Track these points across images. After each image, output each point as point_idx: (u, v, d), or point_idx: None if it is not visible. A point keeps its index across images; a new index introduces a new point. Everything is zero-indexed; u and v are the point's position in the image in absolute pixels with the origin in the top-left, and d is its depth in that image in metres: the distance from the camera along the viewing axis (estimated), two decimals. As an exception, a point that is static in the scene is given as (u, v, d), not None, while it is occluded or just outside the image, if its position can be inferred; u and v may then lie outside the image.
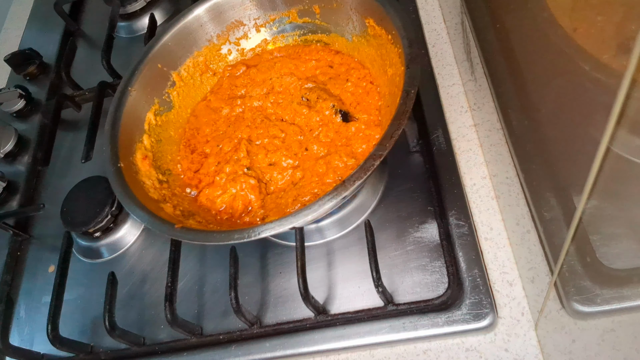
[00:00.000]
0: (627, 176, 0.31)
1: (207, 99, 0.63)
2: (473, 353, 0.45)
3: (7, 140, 0.73)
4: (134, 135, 0.55)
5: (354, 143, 0.53)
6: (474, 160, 0.55)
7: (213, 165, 0.56)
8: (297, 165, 0.53)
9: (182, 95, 0.61)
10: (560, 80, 0.37)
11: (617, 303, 0.33)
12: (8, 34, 0.95)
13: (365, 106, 0.55)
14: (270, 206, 0.51)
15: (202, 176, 0.56)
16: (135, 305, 0.56)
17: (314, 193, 0.50)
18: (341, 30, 0.59)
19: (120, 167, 0.50)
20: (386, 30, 0.52)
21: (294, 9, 0.61)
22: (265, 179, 0.53)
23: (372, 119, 0.54)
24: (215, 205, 0.53)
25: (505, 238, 0.50)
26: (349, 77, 0.58)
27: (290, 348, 0.48)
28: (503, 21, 0.47)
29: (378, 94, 0.55)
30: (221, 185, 0.53)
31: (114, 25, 0.76)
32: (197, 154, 0.58)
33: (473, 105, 0.58)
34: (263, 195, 0.52)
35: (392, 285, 0.49)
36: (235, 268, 0.49)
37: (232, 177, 0.53)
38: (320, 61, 0.61)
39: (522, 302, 0.46)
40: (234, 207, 0.52)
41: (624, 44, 0.31)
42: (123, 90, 0.56)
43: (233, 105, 0.60)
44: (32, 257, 0.65)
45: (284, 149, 0.54)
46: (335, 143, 0.54)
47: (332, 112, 0.55)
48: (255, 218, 0.51)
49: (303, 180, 0.52)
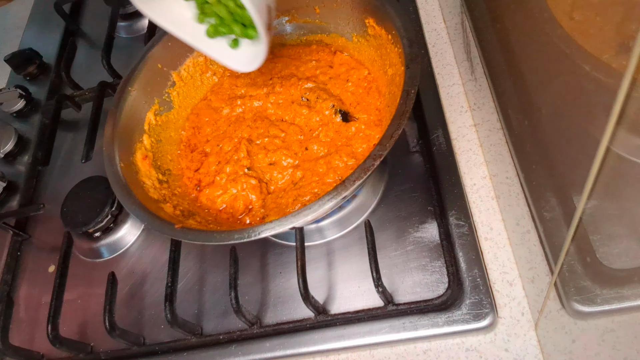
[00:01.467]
0: (627, 176, 0.31)
1: (207, 99, 0.63)
2: (473, 353, 0.45)
3: (7, 140, 0.73)
4: (134, 135, 0.55)
5: (354, 143, 0.53)
6: (474, 160, 0.55)
7: (213, 165, 0.56)
8: (297, 165, 0.53)
9: (182, 95, 0.61)
10: (560, 80, 0.37)
11: (617, 303, 0.33)
12: (8, 34, 0.95)
13: (365, 106, 0.55)
14: (270, 206, 0.51)
15: (202, 175, 0.56)
16: (135, 305, 0.56)
17: (314, 193, 0.50)
18: (341, 30, 0.59)
19: (120, 167, 0.50)
20: (386, 30, 0.52)
21: (294, 9, 0.61)
22: (266, 178, 0.54)
23: (372, 119, 0.54)
24: (216, 205, 0.53)
25: (505, 238, 0.50)
26: (349, 77, 0.58)
27: (290, 348, 0.48)
28: (503, 21, 0.47)
29: (378, 93, 0.55)
30: (221, 185, 0.53)
31: (114, 25, 0.76)
32: (197, 152, 0.58)
33: (473, 105, 0.58)
34: (264, 195, 0.52)
35: (392, 285, 0.49)
36: (235, 268, 0.49)
37: (233, 177, 0.53)
38: (320, 61, 0.61)
39: (522, 302, 0.46)
40: (235, 207, 0.52)
41: (624, 44, 0.31)
42: (123, 90, 0.56)
43: (233, 105, 0.60)
44: (32, 257, 0.65)
45: (284, 148, 0.54)
46: (335, 143, 0.54)
47: (332, 112, 0.55)
48: (256, 218, 0.51)
49: (303, 180, 0.52)
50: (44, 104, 0.78)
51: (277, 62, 0.62)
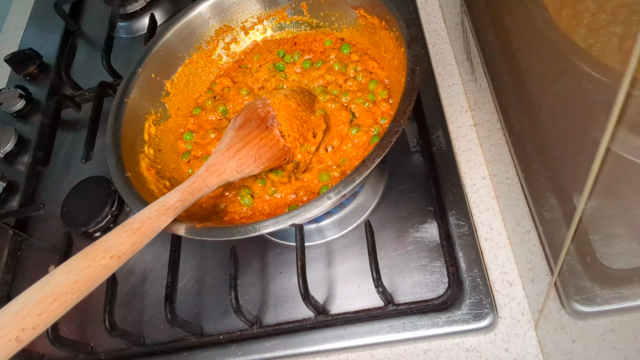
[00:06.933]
0: (627, 176, 0.31)
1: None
2: (473, 353, 0.45)
3: (7, 140, 0.73)
4: (136, 145, 0.54)
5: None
6: (474, 160, 0.55)
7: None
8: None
9: (176, 104, 0.60)
10: (560, 80, 0.37)
11: (617, 303, 0.33)
12: (8, 34, 0.95)
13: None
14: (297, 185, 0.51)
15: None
16: (135, 305, 0.56)
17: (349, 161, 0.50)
18: (330, 24, 0.59)
19: (128, 177, 0.49)
20: (379, 16, 0.52)
21: (281, 7, 0.61)
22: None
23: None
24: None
25: (505, 238, 0.50)
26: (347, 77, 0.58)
27: (290, 348, 0.48)
28: (503, 21, 0.47)
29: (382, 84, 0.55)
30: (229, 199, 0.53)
31: (114, 25, 0.76)
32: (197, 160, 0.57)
33: (473, 105, 0.58)
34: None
35: (392, 285, 0.49)
36: (235, 268, 0.49)
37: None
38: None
39: (522, 302, 0.46)
40: (237, 211, 0.52)
41: (624, 44, 0.31)
42: (120, 102, 0.54)
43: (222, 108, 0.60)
44: (32, 257, 0.65)
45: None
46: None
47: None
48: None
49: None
50: (44, 104, 0.78)
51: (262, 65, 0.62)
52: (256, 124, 0.50)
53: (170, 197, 0.43)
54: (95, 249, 0.38)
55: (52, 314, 0.34)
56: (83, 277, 0.36)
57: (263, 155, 0.49)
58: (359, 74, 0.55)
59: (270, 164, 0.50)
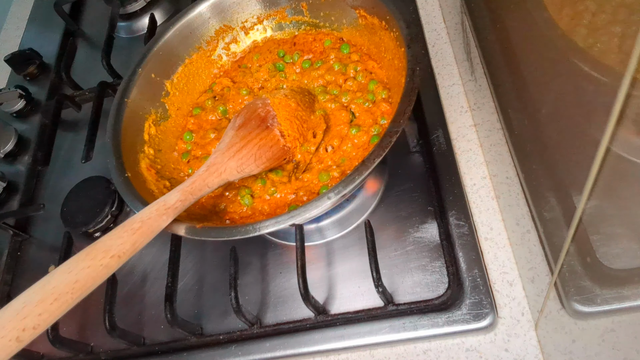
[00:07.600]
0: (627, 176, 0.31)
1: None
2: (473, 353, 0.45)
3: (7, 140, 0.73)
4: (136, 145, 0.54)
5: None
6: (474, 160, 0.55)
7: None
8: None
9: (176, 104, 0.60)
10: (560, 80, 0.37)
11: (617, 303, 0.33)
12: (8, 34, 0.95)
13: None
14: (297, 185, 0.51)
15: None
16: (135, 305, 0.56)
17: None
18: (330, 24, 0.59)
19: (128, 177, 0.49)
20: (379, 17, 0.52)
21: (281, 7, 0.61)
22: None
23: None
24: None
25: (505, 238, 0.50)
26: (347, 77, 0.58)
27: (290, 348, 0.48)
28: (503, 21, 0.47)
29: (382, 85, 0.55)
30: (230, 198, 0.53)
31: (114, 25, 0.76)
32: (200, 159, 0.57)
33: (473, 105, 0.58)
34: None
35: (392, 285, 0.49)
36: (235, 268, 0.49)
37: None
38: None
39: (522, 302, 0.46)
40: (237, 211, 0.52)
41: (624, 44, 0.31)
42: (120, 102, 0.55)
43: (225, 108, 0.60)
44: (32, 257, 0.65)
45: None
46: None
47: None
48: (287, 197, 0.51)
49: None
50: (44, 104, 0.78)
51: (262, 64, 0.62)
52: (256, 124, 0.50)
53: (171, 197, 0.43)
54: (96, 249, 0.38)
55: (52, 314, 0.34)
56: (83, 276, 0.36)
57: (263, 155, 0.49)
58: (359, 74, 0.55)
59: (270, 164, 0.50)
